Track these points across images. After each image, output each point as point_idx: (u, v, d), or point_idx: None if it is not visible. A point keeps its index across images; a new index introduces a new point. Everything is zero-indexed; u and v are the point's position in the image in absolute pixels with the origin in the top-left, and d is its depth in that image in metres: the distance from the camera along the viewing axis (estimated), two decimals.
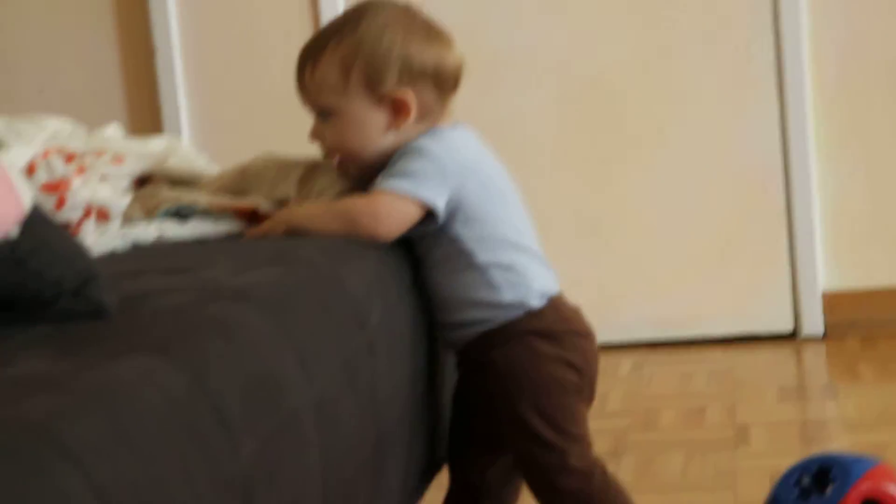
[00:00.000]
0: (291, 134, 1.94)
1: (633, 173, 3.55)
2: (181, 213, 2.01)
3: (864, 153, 3.49)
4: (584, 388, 1.88)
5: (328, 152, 1.94)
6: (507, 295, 1.85)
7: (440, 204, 1.82)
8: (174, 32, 3.64)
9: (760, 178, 3.52)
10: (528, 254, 1.87)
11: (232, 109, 3.67)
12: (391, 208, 1.81)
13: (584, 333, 1.90)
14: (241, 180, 2.07)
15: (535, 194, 3.53)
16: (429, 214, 1.84)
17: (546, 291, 1.87)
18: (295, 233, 1.85)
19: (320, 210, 1.87)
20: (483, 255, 1.85)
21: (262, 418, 1.33)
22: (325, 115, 1.90)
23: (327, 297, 1.64)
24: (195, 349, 1.31)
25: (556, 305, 1.88)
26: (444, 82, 1.89)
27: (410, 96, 1.86)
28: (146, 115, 3.69)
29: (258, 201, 2.00)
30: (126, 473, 1.08)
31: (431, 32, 1.91)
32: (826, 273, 3.53)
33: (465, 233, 1.85)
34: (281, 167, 2.05)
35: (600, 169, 3.56)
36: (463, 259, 1.85)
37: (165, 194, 2.05)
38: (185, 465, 1.17)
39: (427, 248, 1.88)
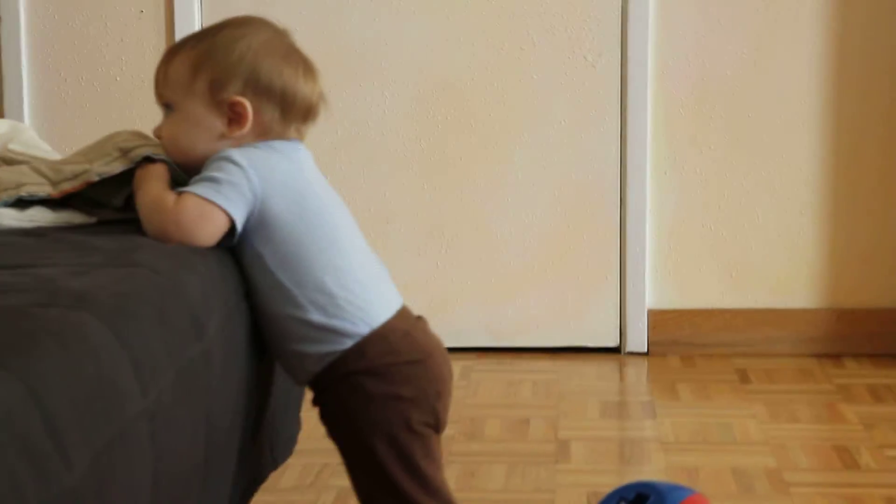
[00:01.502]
0: (139, 119, 1.92)
1: (477, 179, 3.58)
2: (22, 201, 1.96)
3: (700, 175, 3.57)
4: (425, 414, 1.85)
5: (163, 146, 1.92)
6: (316, 316, 1.81)
7: (238, 215, 1.80)
8: (21, 4, 3.55)
9: (598, 194, 3.57)
10: (347, 276, 1.82)
11: (77, 93, 3.59)
12: (197, 213, 1.79)
13: (417, 360, 1.85)
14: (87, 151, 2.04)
15: (379, 193, 3.55)
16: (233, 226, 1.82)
17: (366, 320, 1.82)
18: None
19: (148, 194, 1.85)
20: (287, 275, 1.81)
21: (96, 431, 1.31)
22: (167, 110, 1.90)
23: (166, 304, 1.62)
24: (30, 357, 1.28)
25: (381, 336, 1.83)
26: (290, 106, 1.87)
27: (248, 105, 1.85)
28: None
29: (90, 175, 1.94)
30: None
31: (291, 57, 1.89)
32: (653, 291, 3.60)
33: (268, 249, 1.81)
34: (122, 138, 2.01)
35: (446, 172, 3.58)
36: (268, 277, 1.82)
37: (3, 181, 2.00)
38: (15, 481, 1.14)
39: (245, 265, 1.84)
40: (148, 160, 1.91)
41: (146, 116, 3.43)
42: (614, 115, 3.55)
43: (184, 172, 1.89)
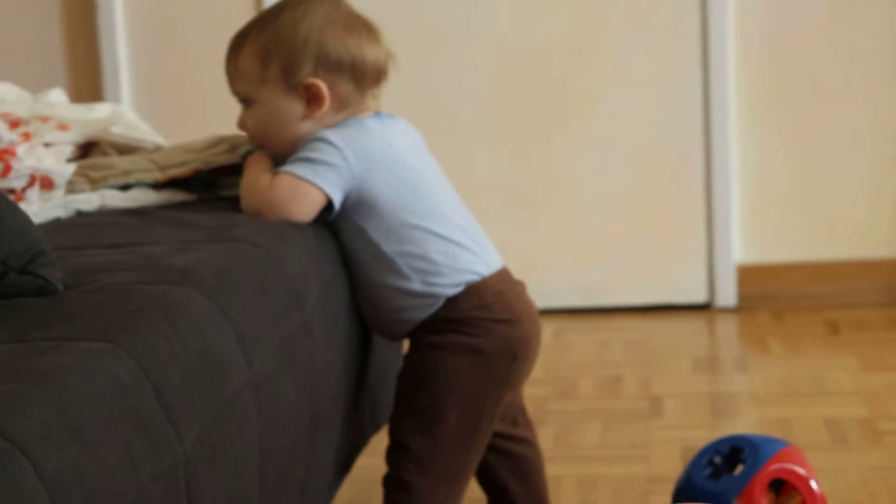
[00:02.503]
0: (232, 103, 1.93)
1: (561, 145, 3.57)
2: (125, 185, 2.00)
3: (783, 132, 3.53)
4: (499, 372, 1.85)
5: (251, 140, 1.94)
6: (417, 284, 1.83)
7: (335, 193, 1.82)
8: None
9: (682, 153, 3.55)
10: (446, 241, 1.84)
11: (174, 71, 3.62)
12: (291, 192, 1.81)
13: (504, 319, 1.85)
14: (195, 144, 2.07)
15: (466, 164, 3.55)
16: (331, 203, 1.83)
17: (464, 278, 1.84)
18: None
19: (246, 177, 1.88)
20: (390, 246, 1.83)
21: (204, 402, 1.34)
22: (246, 104, 1.91)
23: (266, 278, 1.64)
24: (139, 333, 1.30)
25: (475, 290, 1.84)
26: (363, 75, 1.88)
27: (323, 86, 1.85)
28: (86, 77, 3.64)
29: (195, 164, 1.98)
30: (73, 464, 1.08)
31: (353, 25, 1.89)
32: (741, 247, 3.57)
33: (370, 224, 1.83)
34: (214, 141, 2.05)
35: (530, 140, 3.57)
36: (371, 249, 1.84)
37: (113, 166, 2.03)
38: (130, 453, 1.17)
39: (345, 238, 1.87)
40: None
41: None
42: (696, 74, 3.51)
43: (280, 159, 1.91)
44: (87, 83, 3.61)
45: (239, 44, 1.89)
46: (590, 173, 3.57)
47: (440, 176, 1.92)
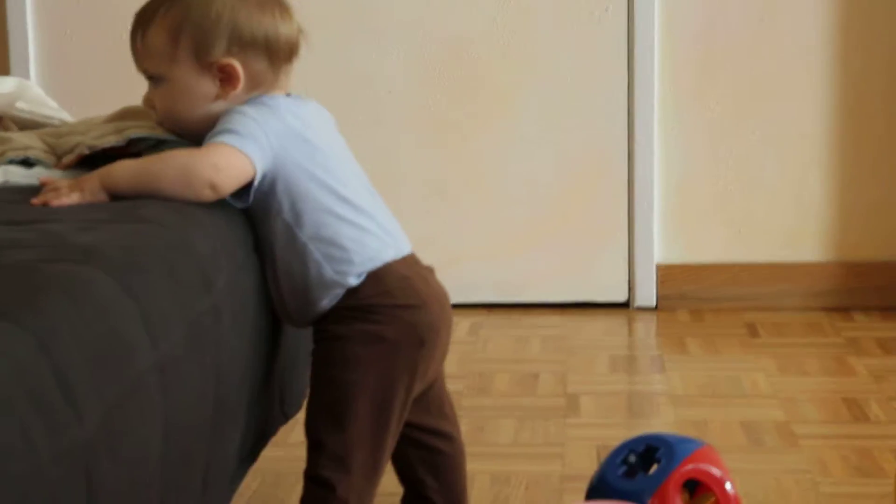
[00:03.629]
0: (141, 81, 1.90)
1: (482, 138, 3.57)
2: (28, 161, 1.96)
3: (707, 132, 3.56)
4: (404, 360, 1.83)
5: (159, 118, 1.91)
6: (328, 271, 1.82)
7: (259, 166, 1.79)
8: None
9: (606, 150, 3.56)
10: (356, 227, 1.83)
11: (82, 50, 3.57)
12: (229, 161, 1.77)
13: (408, 305, 1.84)
14: (72, 127, 2.04)
15: (385, 153, 3.54)
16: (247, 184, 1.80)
17: (370, 266, 1.83)
18: (112, 194, 1.78)
19: (139, 165, 1.80)
20: (302, 230, 1.82)
21: (107, 384, 1.32)
22: (155, 81, 1.88)
23: (175, 259, 1.62)
24: (41, 312, 1.28)
25: (377, 277, 1.83)
26: (277, 53, 1.86)
27: (238, 65, 1.84)
28: None
29: (81, 148, 1.94)
30: None
31: (265, 1, 1.87)
32: (662, 246, 3.59)
33: (283, 205, 1.82)
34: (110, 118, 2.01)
35: (451, 131, 3.57)
36: (283, 231, 1.82)
37: (11, 140, 2.00)
38: (27, 434, 1.15)
39: (257, 219, 1.85)
40: (139, 141, 1.89)
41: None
42: (621, 71, 3.53)
43: (186, 139, 1.88)
44: None
45: (146, 20, 1.86)
46: (511, 167, 3.57)
47: (350, 159, 1.91)
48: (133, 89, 2.15)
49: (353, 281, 1.83)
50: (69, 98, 3.23)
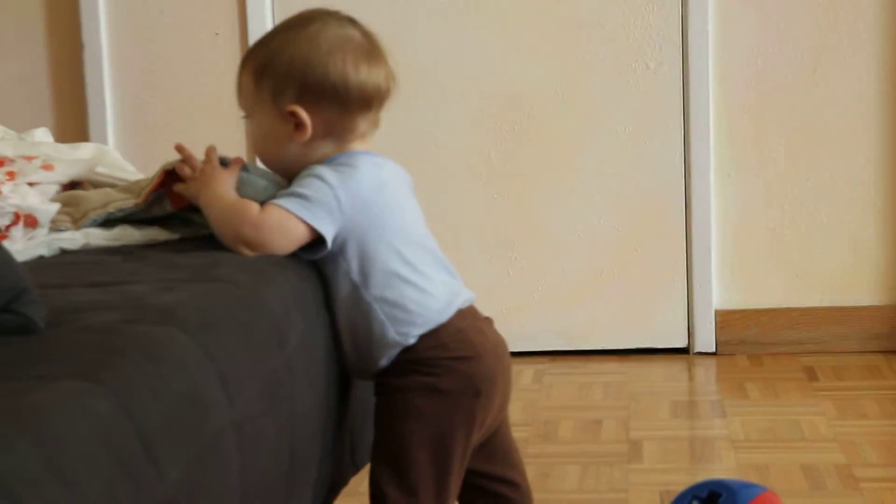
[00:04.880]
0: (219, 139, 1.94)
1: (542, 190, 3.58)
2: (108, 221, 1.99)
3: (763, 179, 3.55)
4: (461, 411, 1.83)
5: (256, 155, 1.96)
6: (389, 331, 1.82)
7: (328, 231, 1.82)
8: (103, 30, 3.60)
9: (663, 199, 3.56)
10: (420, 290, 1.84)
11: (159, 112, 3.63)
12: (278, 224, 1.81)
13: (464, 357, 1.84)
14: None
15: (449, 207, 3.56)
16: (320, 241, 1.83)
17: (430, 326, 1.83)
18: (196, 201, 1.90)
19: (225, 201, 1.86)
20: (369, 290, 1.83)
21: (186, 442, 1.33)
22: (246, 118, 1.92)
23: (249, 317, 1.64)
24: (122, 372, 1.30)
25: (435, 331, 1.83)
26: (346, 100, 1.86)
27: (303, 114, 1.85)
28: (72, 117, 3.64)
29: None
30: (55, 503, 1.08)
31: (339, 48, 1.86)
32: (720, 292, 3.58)
33: (353, 266, 1.83)
34: None
35: (511, 184, 3.59)
36: (352, 291, 1.84)
37: (90, 199, 2.03)
38: (112, 492, 1.16)
39: (326, 276, 1.87)
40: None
41: (223, 135, 3.49)
42: (677, 120, 3.54)
43: (277, 174, 1.92)
44: (73, 123, 3.61)
45: (243, 61, 1.91)
46: (571, 218, 3.58)
47: (419, 220, 1.91)
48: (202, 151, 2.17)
49: (413, 341, 1.84)
50: (146, 163, 3.29)
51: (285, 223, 1.81)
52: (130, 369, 1.31)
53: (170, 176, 1.95)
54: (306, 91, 1.85)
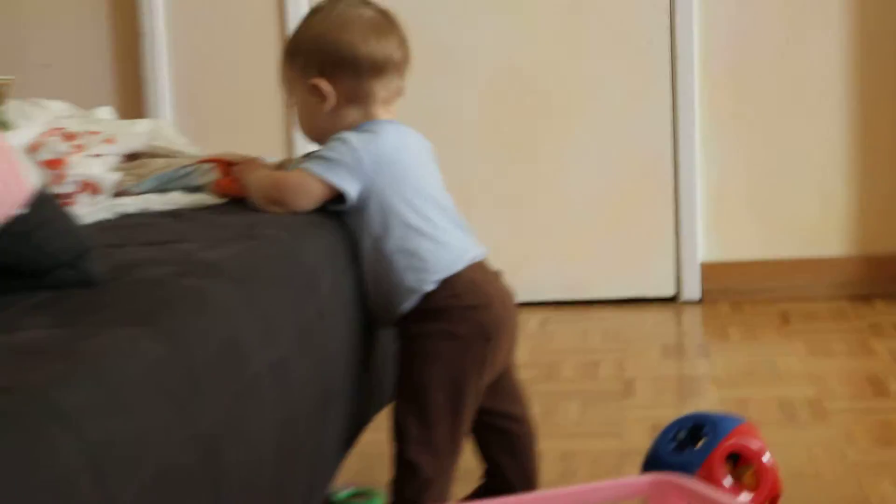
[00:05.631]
0: (264, 125, 1.95)
1: (545, 154, 3.57)
2: (163, 189, 2.00)
3: (743, 143, 3.53)
4: (475, 353, 1.83)
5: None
6: (408, 278, 1.83)
7: (350, 188, 1.83)
8: (160, 20, 3.59)
9: (652, 162, 3.55)
10: (435, 241, 1.84)
11: (211, 98, 3.62)
12: (301, 185, 1.85)
13: (475, 305, 1.84)
14: None
15: (462, 171, 3.55)
16: (341, 197, 1.85)
17: (444, 274, 1.83)
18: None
19: (262, 177, 1.92)
20: (388, 242, 1.84)
21: (228, 381, 1.34)
22: (290, 101, 1.95)
23: (286, 270, 1.65)
24: (173, 320, 1.31)
25: (448, 282, 1.84)
26: (360, 70, 1.88)
27: (325, 84, 1.87)
28: (132, 99, 3.64)
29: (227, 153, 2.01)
30: (113, 432, 1.09)
31: (351, 22, 1.89)
32: (704, 246, 3.58)
33: (374, 221, 1.84)
34: None
35: (518, 150, 3.58)
36: (375, 243, 1.85)
37: (157, 164, 2.05)
38: (164, 423, 1.17)
39: (353, 230, 1.88)
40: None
41: (268, 116, 3.50)
42: (666, 92, 3.52)
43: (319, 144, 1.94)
44: (132, 106, 3.61)
45: (284, 49, 1.95)
46: (571, 180, 3.57)
47: (437, 182, 1.92)
48: (253, 133, 2.18)
49: (429, 287, 1.84)
50: (199, 138, 3.29)
51: (306, 182, 1.85)
52: (180, 317, 1.32)
53: (221, 164, 1.98)
54: (326, 64, 1.88)
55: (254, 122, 3.54)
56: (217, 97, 3.61)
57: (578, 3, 3.52)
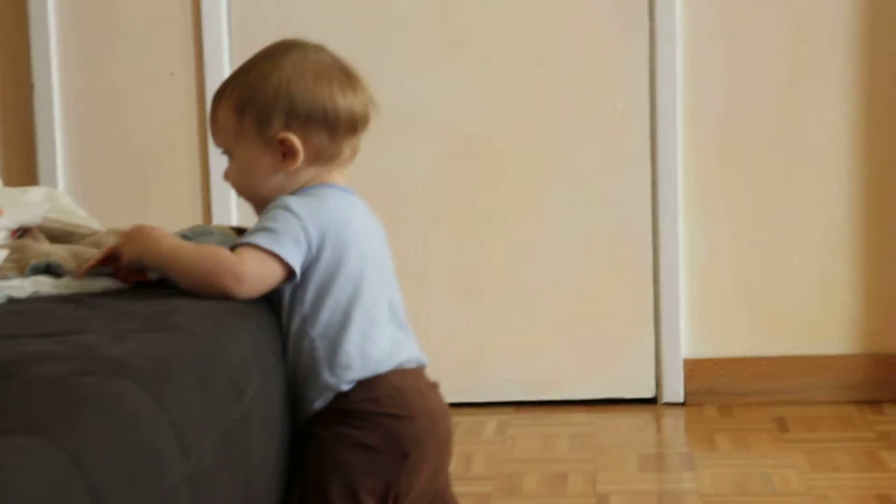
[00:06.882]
0: (171, 180, 1.95)
1: (508, 233, 3.59)
2: (53, 270, 1.99)
3: (731, 225, 3.57)
4: (384, 471, 1.83)
5: (236, 191, 1.98)
6: (325, 373, 1.84)
7: (296, 265, 1.84)
8: (54, 71, 3.59)
9: (630, 245, 3.58)
10: (364, 336, 1.85)
11: (111, 155, 3.61)
12: (255, 270, 1.83)
13: (395, 416, 1.84)
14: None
15: (413, 249, 3.57)
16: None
17: (364, 374, 1.84)
18: (143, 263, 1.88)
19: (185, 252, 1.86)
20: (316, 326, 1.85)
21: (139, 498, 1.33)
22: (228, 156, 1.95)
23: (205, 369, 1.64)
24: (73, 427, 1.29)
25: (370, 384, 1.84)
26: (336, 125, 1.90)
27: (296, 140, 1.88)
28: (21, 159, 3.63)
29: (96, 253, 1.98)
30: None
31: (323, 74, 1.91)
32: (688, 341, 3.60)
33: (305, 300, 1.85)
34: None
35: (477, 227, 3.60)
36: (301, 324, 1.85)
37: (37, 249, 2.03)
38: None
39: (283, 307, 1.88)
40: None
41: (177, 178, 3.49)
42: (644, 163, 3.56)
43: (258, 210, 1.94)
44: (22, 166, 3.60)
45: (218, 97, 1.94)
46: (537, 263, 3.59)
47: (387, 269, 1.93)
48: (161, 195, 2.18)
49: (346, 387, 1.84)
50: (98, 205, 3.28)
51: (264, 268, 1.83)
52: (81, 423, 1.31)
53: (113, 257, 1.95)
54: (293, 118, 1.89)
55: (161, 188, 3.52)
56: (119, 158, 3.60)
57: (547, 57, 3.56)
